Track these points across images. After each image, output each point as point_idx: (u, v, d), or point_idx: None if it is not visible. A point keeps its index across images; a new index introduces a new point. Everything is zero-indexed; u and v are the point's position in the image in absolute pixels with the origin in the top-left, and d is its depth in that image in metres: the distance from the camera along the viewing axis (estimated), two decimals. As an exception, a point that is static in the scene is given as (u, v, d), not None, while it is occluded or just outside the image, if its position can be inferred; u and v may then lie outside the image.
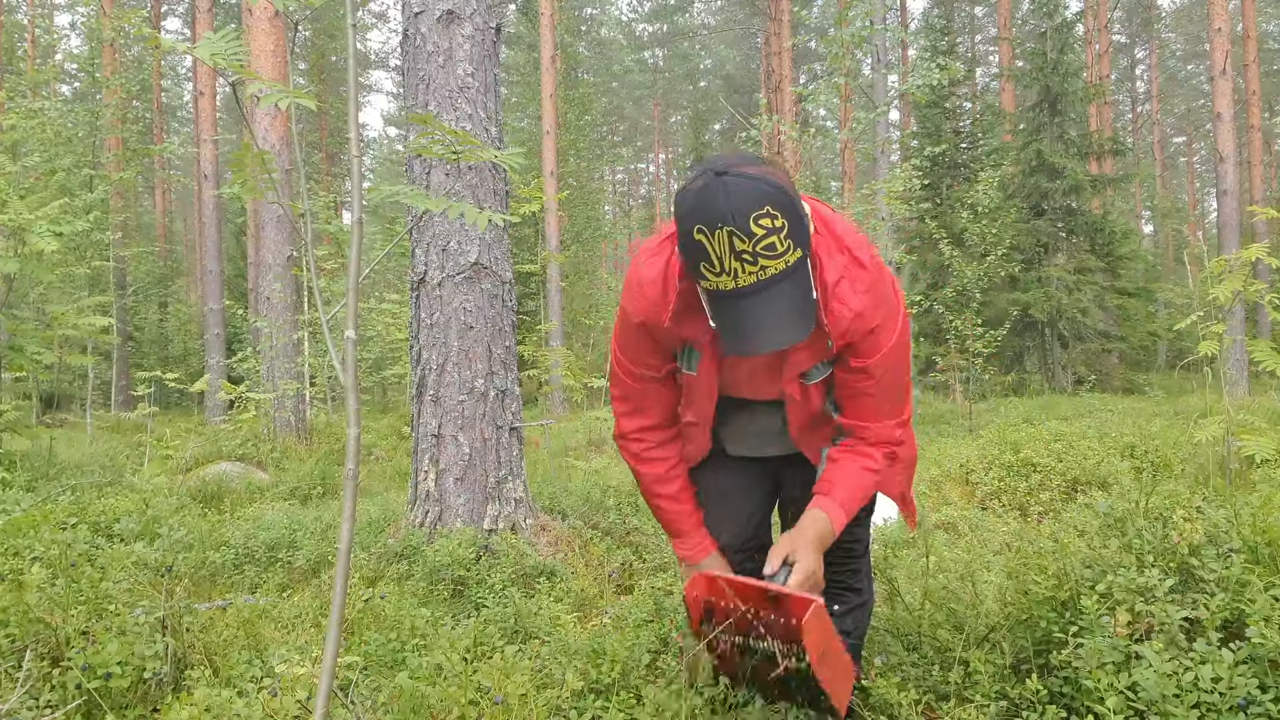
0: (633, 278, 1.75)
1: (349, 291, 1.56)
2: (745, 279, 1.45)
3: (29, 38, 22.84)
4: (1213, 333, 3.81)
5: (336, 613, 1.47)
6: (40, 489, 5.15)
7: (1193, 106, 38.59)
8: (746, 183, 1.43)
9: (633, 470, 2.01)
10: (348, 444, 1.52)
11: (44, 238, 5.64)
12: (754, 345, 1.50)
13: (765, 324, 1.48)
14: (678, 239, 1.52)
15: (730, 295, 1.48)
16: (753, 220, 1.41)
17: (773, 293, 1.47)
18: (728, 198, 1.42)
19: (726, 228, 1.41)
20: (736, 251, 1.43)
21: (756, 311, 1.48)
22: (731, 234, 1.41)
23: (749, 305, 1.48)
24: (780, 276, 1.46)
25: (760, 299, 1.47)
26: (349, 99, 1.63)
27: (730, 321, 1.51)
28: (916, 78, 12.53)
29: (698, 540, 1.98)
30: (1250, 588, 1.74)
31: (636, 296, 1.74)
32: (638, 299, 1.74)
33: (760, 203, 1.42)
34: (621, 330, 1.84)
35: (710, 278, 1.48)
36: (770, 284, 1.46)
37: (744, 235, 1.41)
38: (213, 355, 14.43)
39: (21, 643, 2.18)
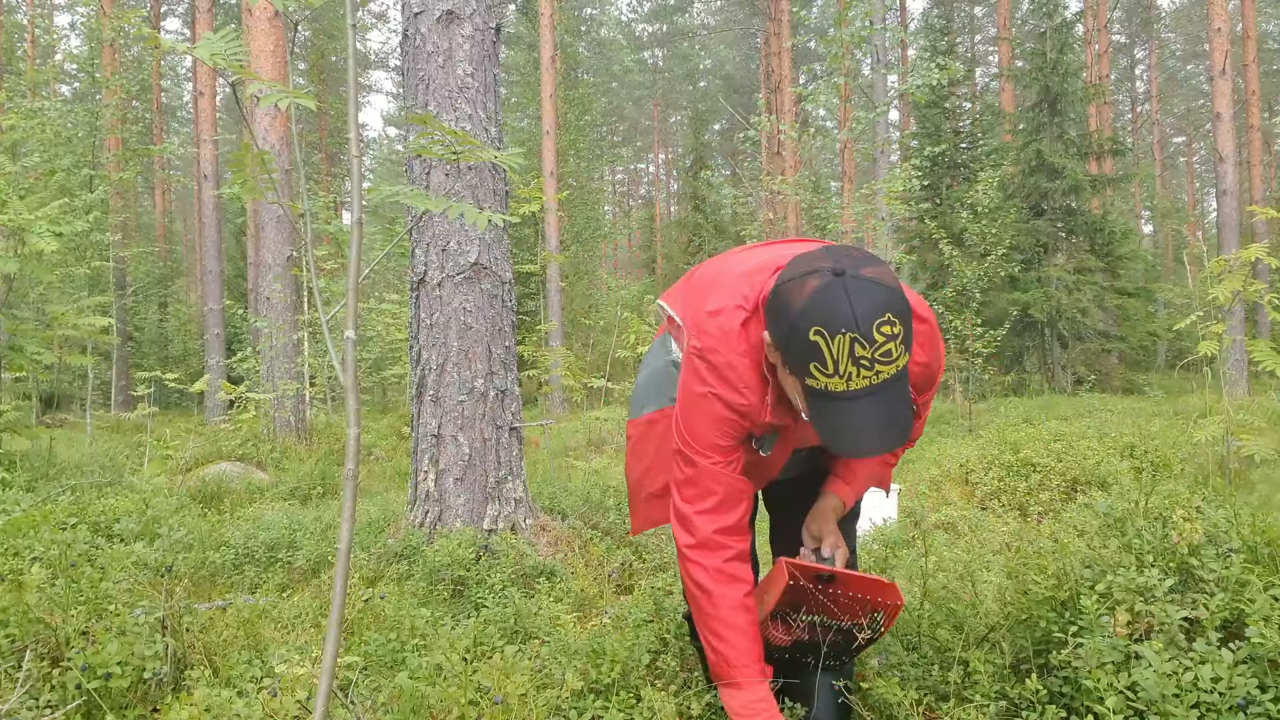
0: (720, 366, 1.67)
1: (349, 292, 1.56)
2: (858, 383, 1.43)
3: (29, 38, 22.83)
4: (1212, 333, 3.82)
5: (336, 613, 1.47)
6: (40, 489, 5.15)
7: (1192, 106, 38.60)
8: (869, 287, 1.43)
9: (700, 594, 1.75)
10: (347, 444, 1.52)
11: (44, 238, 5.64)
12: (860, 448, 1.49)
13: (873, 427, 1.47)
14: (782, 332, 1.49)
15: (839, 396, 1.46)
16: (875, 328, 1.40)
17: (882, 396, 1.46)
18: (851, 303, 1.41)
19: (850, 334, 1.40)
20: (855, 357, 1.41)
21: (865, 414, 1.46)
22: (854, 340, 1.40)
23: (859, 408, 1.46)
24: (891, 380, 1.45)
25: (870, 402, 1.46)
26: (349, 99, 1.63)
27: (835, 422, 1.49)
28: (916, 78, 12.53)
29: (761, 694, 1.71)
30: (1250, 587, 1.74)
31: (736, 389, 1.67)
32: (738, 392, 1.67)
33: (882, 310, 1.41)
34: (711, 419, 1.71)
35: (820, 378, 1.45)
36: (882, 388, 1.45)
37: (866, 342, 1.40)
38: (212, 355, 14.43)
39: (21, 643, 2.18)
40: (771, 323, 1.54)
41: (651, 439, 1.99)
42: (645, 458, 2.01)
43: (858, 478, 1.94)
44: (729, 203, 24.14)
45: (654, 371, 2.03)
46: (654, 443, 1.98)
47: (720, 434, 1.72)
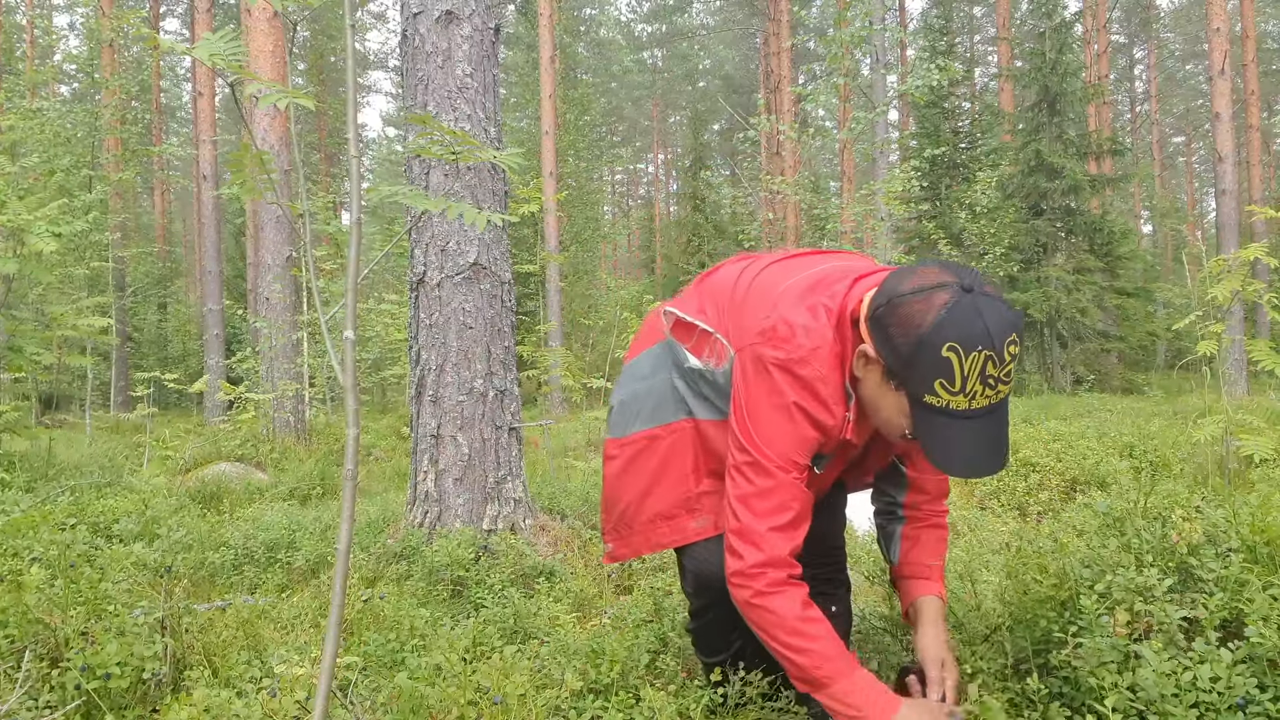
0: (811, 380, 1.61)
1: (348, 292, 1.56)
2: (980, 402, 1.44)
3: (28, 38, 22.83)
4: (1211, 332, 3.82)
5: (335, 613, 1.47)
6: (39, 489, 5.15)
7: (1191, 106, 38.62)
8: (998, 306, 1.43)
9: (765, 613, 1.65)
10: (347, 444, 1.52)
11: (43, 238, 5.63)
12: (974, 470, 1.50)
13: (987, 449, 1.48)
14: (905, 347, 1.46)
15: (957, 415, 1.45)
16: (1006, 346, 1.41)
17: (995, 418, 1.47)
18: (985, 320, 1.40)
19: (985, 351, 1.40)
20: (984, 375, 1.41)
21: (981, 435, 1.46)
22: (989, 358, 1.40)
23: (975, 428, 1.46)
24: (1005, 401, 1.47)
25: (985, 423, 1.46)
26: (348, 99, 1.63)
27: (950, 443, 1.48)
28: (915, 78, 12.53)
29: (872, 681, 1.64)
30: (1249, 587, 1.74)
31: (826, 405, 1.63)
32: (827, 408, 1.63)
33: (1010, 329, 1.42)
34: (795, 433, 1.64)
35: (943, 396, 1.44)
36: (998, 409, 1.46)
37: (998, 360, 1.40)
38: (212, 356, 14.43)
39: (21, 643, 2.18)
40: (886, 335, 1.50)
41: (654, 456, 1.90)
42: (645, 476, 1.91)
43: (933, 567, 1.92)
44: (728, 203, 24.17)
45: (652, 386, 1.93)
46: (657, 460, 1.90)
47: (800, 449, 1.66)
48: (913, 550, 1.92)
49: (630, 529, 1.97)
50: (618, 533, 2.00)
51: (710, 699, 1.98)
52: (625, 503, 1.96)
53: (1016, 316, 1.44)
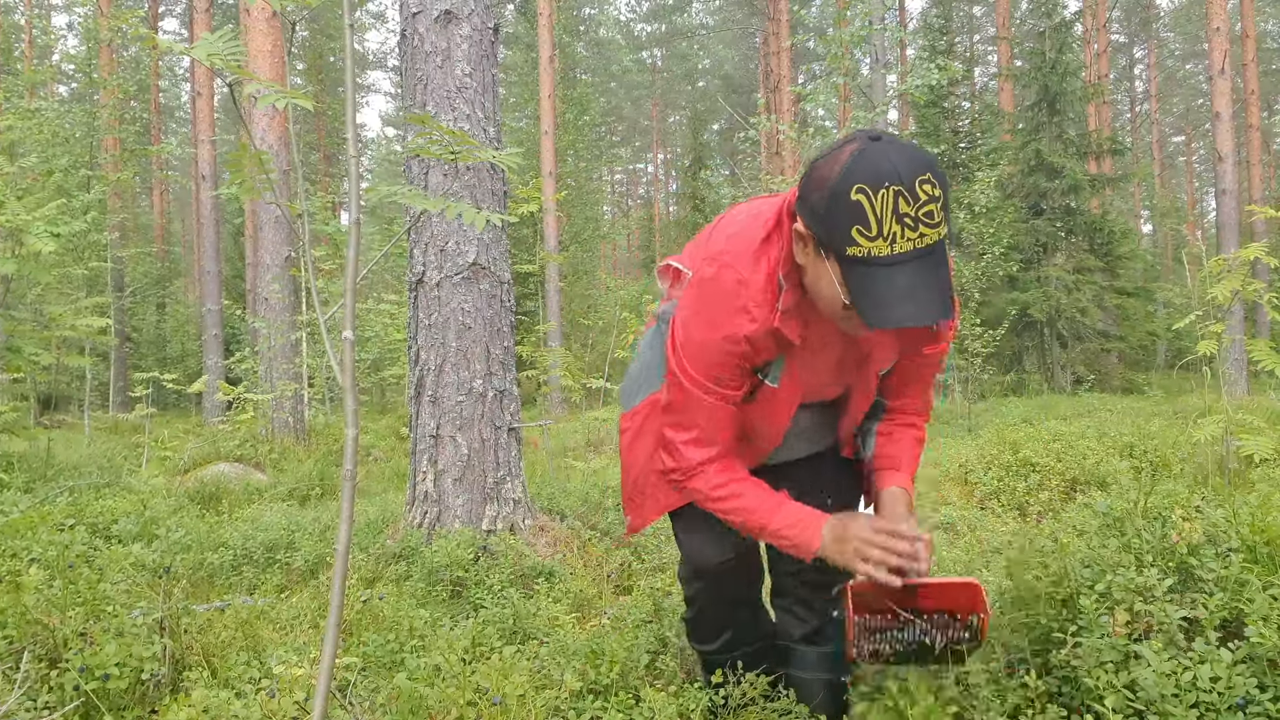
0: (736, 285, 1.62)
1: (347, 292, 1.56)
2: (903, 245, 1.39)
3: (26, 38, 22.84)
4: (1211, 332, 3.81)
5: (334, 613, 1.46)
6: (38, 490, 5.15)
7: (1191, 106, 38.65)
8: (907, 148, 1.41)
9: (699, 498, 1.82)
10: (345, 445, 1.51)
11: (41, 238, 5.63)
12: (902, 316, 1.42)
13: (918, 295, 1.42)
14: (820, 204, 1.44)
15: (881, 262, 1.41)
16: (918, 183, 1.37)
17: (926, 264, 1.41)
18: (893, 159, 1.38)
19: (894, 187, 1.36)
20: (899, 214, 1.37)
21: (909, 282, 1.41)
22: (898, 194, 1.36)
23: (902, 274, 1.41)
24: (933, 248, 1.41)
25: (914, 268, 1.41)
26: (347, 99, 1.63)
27: (878, 292, 1.43)
28: (915, 78, 12.53)
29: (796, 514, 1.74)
30: (1249, 587, 1.74)
31: (743, 307, 1.62)
32: (746, 310, 1.62)
33: (925, 168, 1.38)
34: (707, 347, 1.66)
35: (862, 243, 1.40)
36: (924, 254, 1.41)
37: (910, 197, 1.37)
38: (211, 356, 14.43)
39: (19, 644, 2.18)
40: (806, 203, 1.49)
41: (656, 420, 1.93)
42: (649, 440, 1.94)
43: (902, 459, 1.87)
44: (728, 203, 24.16)
45: (653, 356, 1.97)
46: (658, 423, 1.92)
47: (719, 365, 1.67)
48: (886, 445, 1.89)
49: (642, 495, 1.99)
50: (632, 502, 2.03)
51: (711, 700, 1.98)
52: (636, 470, 1.99)
53: (930, 159, 1.40)
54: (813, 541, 1.69)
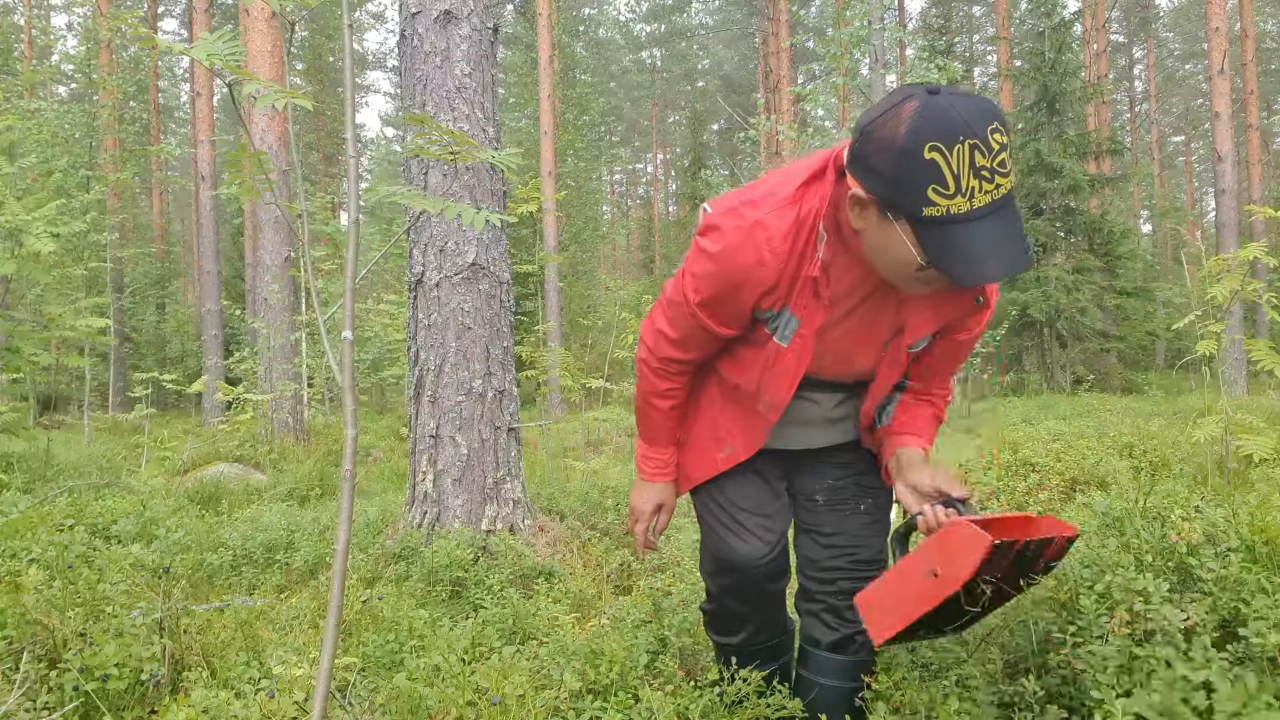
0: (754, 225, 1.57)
1: (346, 292, 1.56)
2: (981, 199, 1.34)
3: (26, 38, 22.83)
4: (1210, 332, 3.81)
5: (334, 614, 1.46)
6: (37, 490, 5.15)
7: (1191, 105, 38.68)
8: (970, 98, 1.35)
9: (640, 374, 1.92)
10: (345, 445, 1.51)
11: (41, 239, 5.63)
12: (994, 270, 1.37)
13: (1004, 248, 1.37)
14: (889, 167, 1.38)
15: (961, 219, 1.35)
16: (990, 133, 1.32)
17: (1005, 214, 1.37)
18: (961, 112, 1.32)
19: (969, 140, 1.30)
20: (976, 167, 1.32)
21: (992, 235, 1.36)
22: (974, 147, 1.30)
23: (986, 227, 1.36)
24: (1010, 196, 1.38)
25: (994, 220, 1.36)
26: (346, 99, 1.63)
27: (960, 249, 1.37)
28: (914, 78, 12.53)
29: (669, 457, 1.96)
30: (1248, 587, 1.74)
31: (755, 243, 1.57)
32: (756, 245, 1.57)
33: (992, 117, 1.33)
34: (712, 273, 1.63)
35: (940, 202, 1.34)
36: (1004, 204, 1.36)
37: (985, 149, 1.31)
38: (210, 356, 14.42)
39: (19, 644, 2.18)
40: (865, 165, 1.43)
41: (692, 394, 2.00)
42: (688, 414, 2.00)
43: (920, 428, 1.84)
44: (727, 203, 24.14)
45: None
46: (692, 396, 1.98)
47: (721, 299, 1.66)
48: (902, 413, 1.85)
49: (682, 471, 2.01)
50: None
51: (709, 699, 1.98)
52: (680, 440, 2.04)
53: (993, 106, 1.35)
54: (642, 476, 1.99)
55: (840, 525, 1.90)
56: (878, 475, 1.92)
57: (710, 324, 1.71)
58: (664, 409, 1.91)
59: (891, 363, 1.75)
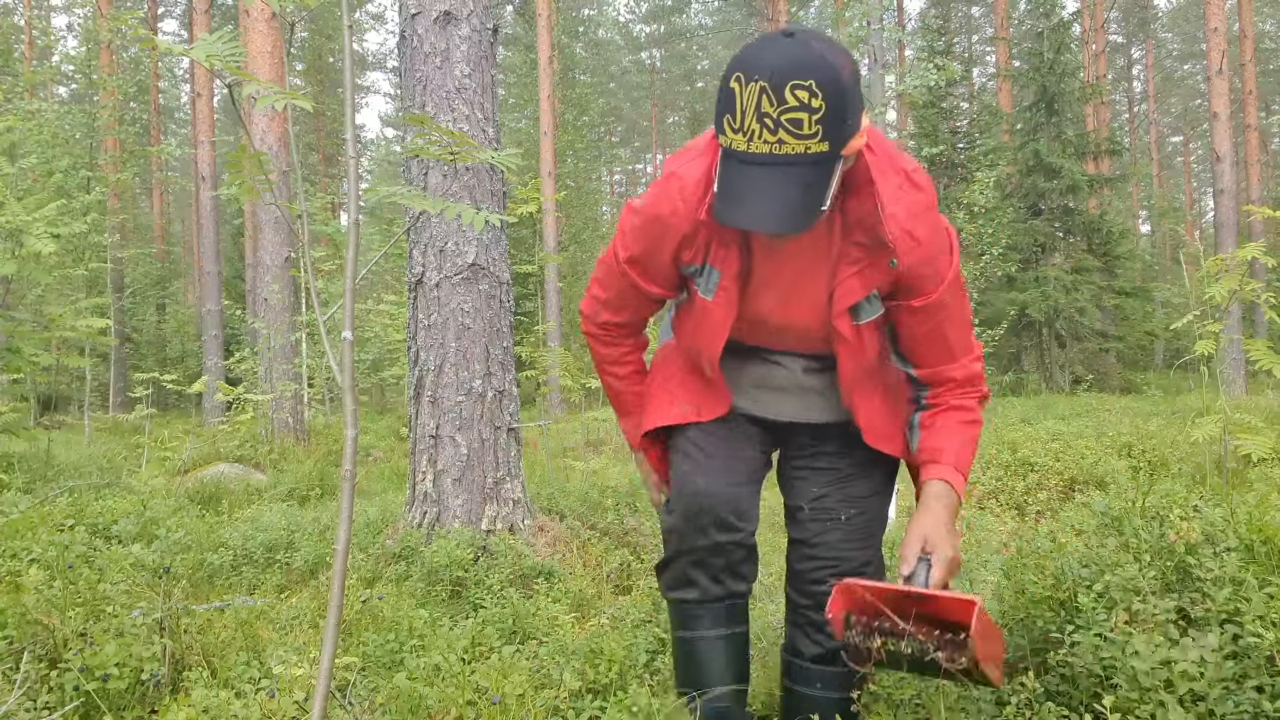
0: (668, 176, 1.60)
1: (346, 293, 1.56)
2: (758, 145, 1.32)
3: (26, 39, 22.83)
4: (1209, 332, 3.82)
5: (334, 613, 1.47)
6: (38, 491, 5.15)
7: (1189, 106, 38.69)
8: (806, 50, 1.31)
9: (590, 347, 1.99)
10: (345, 445, 1.52)
11: (41, 239, 5.63)
12: (740, 216, 1.37)
13: (760, 200, 1.35)
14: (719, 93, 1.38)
15: (737, 157, 1.35)
16: (790, 87, 1.27)
17: (781, 173, 1.33)
18: (778, 55, 1.29)
19: (760, 82, 1.28)
20: (760, 112, 1.29)
21: (756, 185, 1.35)
22: (763, 90, 1.28)
23: (752, 175, 1.35)
24: (795, 159, 1.32)
25: (765, 173, 1.34)
26: (346, 100, 1.63)
27: (726, 186, 1.38)
28: (913, 78, 12.55)
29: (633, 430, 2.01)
30: (1246, 585, 1.74)
31: (669, 193, 1.59)
32: (670, 196, 1.58)
33: (807, 74, 1.28)
34: (635, 227, 1.67)
35: (728, 133, 1.35)
36: (781, 161, 1.32)
37: (774, 98, 1.28)
38: (210, 357, 14.42)
39: (19, 644, 2.18)
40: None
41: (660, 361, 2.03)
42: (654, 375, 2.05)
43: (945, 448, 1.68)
44: (727, 203, 24.13)
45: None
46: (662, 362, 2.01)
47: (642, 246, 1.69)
48: (928, 437, 1.73)
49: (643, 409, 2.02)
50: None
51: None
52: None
53: (824, 65, 1.29)
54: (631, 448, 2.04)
55: (822, 537, 1.83)
56: (868, 482, 1.85)
57: (640, 281, 1.75)
58: (620, 377, 1.98)
59: (847, 342, 1.67)
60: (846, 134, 1.35)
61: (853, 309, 1.62)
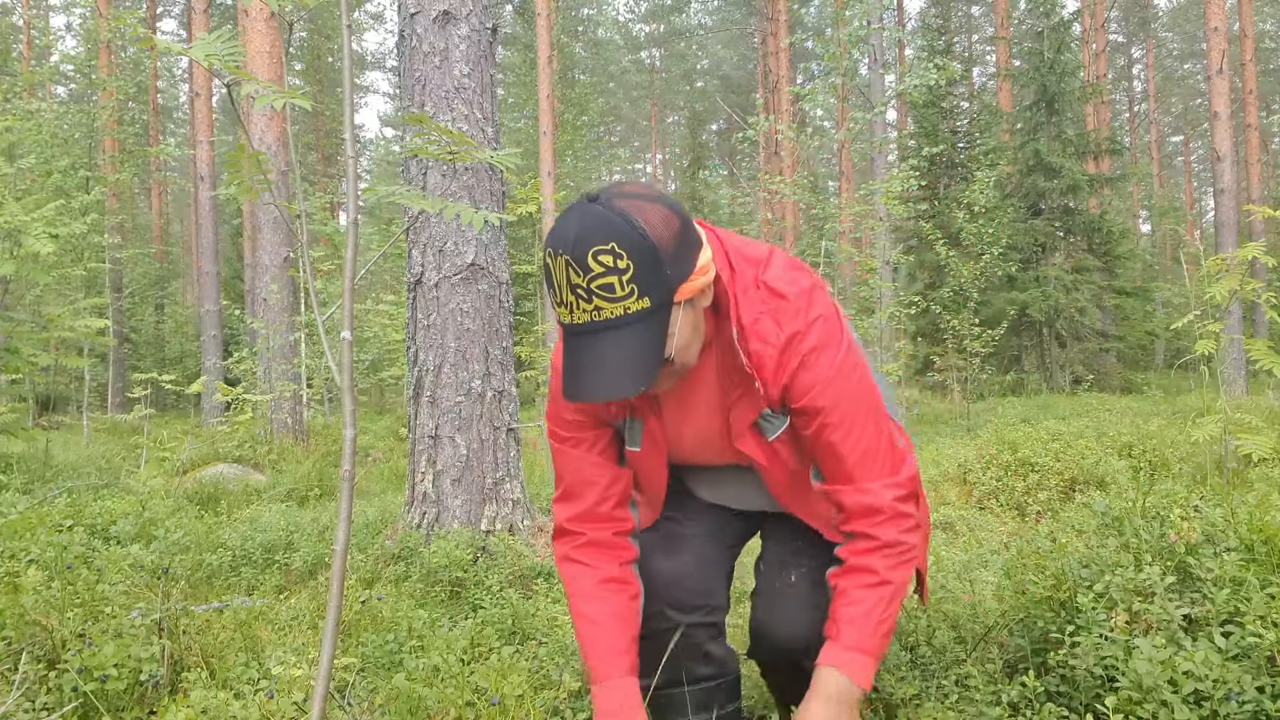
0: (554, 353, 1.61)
1: (345, 293, 1.56)
2: (580, 316, 1.32)
3: (25, 39, 22.83)
4: (1210, 332, 3.81)
5: (333, 614, 1.46)
6: (36, 491, 5.14)
7: (1190, 105, 38.71)
8: (604, 214, 1.30)
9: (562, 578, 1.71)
10: (344, 445, 1.51)
11: (40, 239, 5.63)
12: (574, 390, 1.37)
13: (592, 370, 1.35)
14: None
15: (567, 330, 1.36)
16: (592, 255, 1.28)
17: (606, 338, 1.33)
18: (578, 226, 1.30)
19: (564, 256, 1.29)
20: (572, 284, 1.30)
21: (587, 355, 1.35)
22: (568, 264, 1.29)
23: (582, 345, 1.35)
24: (617, 323, 1.31)
25: (593, 341, 1.34)
26: (345, 100, 1.63)
27: (568, 360, 1.39)
28: (913, 77, 12.54)
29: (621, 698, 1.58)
30: (1246, 586, 1.74)
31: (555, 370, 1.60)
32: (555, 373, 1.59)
33: (606, 238, 1.28)
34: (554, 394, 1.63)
35: (556, 307, 1.37)
36: (604, 327, 1.32)
37: (579, 268, 1.29)
38: (209, 357, 14.41)
39: (18, 645, 2.18)
40: None
41: None
42: None
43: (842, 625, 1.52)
44: (727, 203, 24.18)
45: None
46: None
47: (558, 413, 1.64)
48: (834, 602, 1.57)
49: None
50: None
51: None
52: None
53: (627, 226, 1.29)
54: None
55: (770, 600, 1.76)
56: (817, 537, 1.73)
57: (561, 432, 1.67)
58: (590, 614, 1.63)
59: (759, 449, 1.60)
60: (669, 283, 1.33)
61: (757, 427, 1.58)
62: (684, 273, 1.35)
